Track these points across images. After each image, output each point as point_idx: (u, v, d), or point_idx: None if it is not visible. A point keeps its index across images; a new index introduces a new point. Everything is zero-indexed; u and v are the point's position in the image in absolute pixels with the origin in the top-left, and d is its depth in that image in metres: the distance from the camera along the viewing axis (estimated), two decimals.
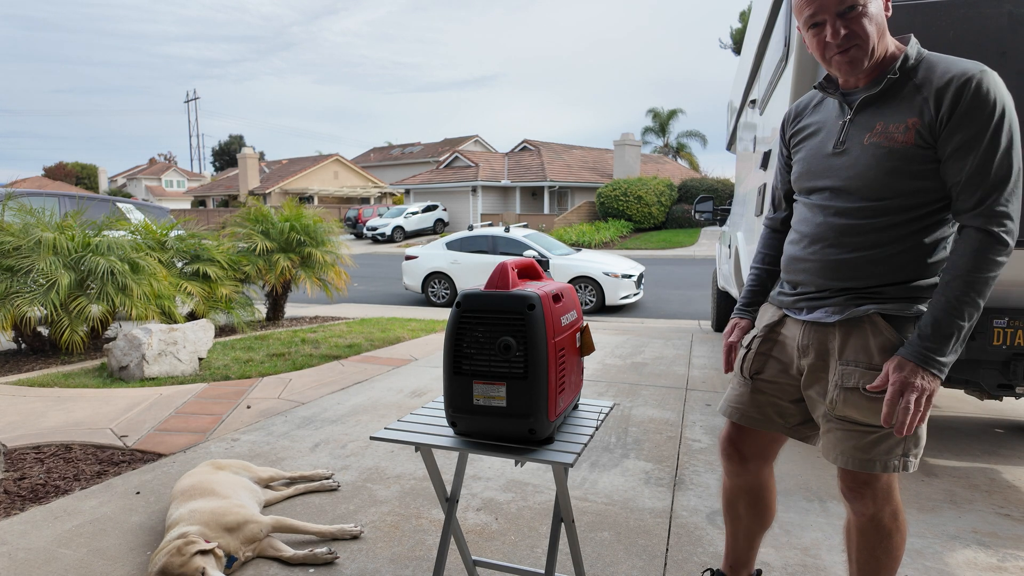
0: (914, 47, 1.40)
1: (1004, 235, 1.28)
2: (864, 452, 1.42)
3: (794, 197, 1.64)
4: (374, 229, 27.36)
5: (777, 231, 1.79)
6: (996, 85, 1.30)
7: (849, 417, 1.43)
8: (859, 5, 1.34)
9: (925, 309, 1.39)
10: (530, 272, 1.76)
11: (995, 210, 1.28)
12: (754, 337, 1.66)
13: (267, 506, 2.62)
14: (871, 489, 1.45)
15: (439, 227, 29.09)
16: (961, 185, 1.31)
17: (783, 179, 1.72)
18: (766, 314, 1.68)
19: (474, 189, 29.15)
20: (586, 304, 9.37)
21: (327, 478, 2.87)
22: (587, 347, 1.74)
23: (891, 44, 1.42)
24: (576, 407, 1.83)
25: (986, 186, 1.29)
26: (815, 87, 1.55)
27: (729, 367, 1.76)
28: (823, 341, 1.48)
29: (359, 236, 29.47)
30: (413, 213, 28.17)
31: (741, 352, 1.69)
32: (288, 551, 2.22)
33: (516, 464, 1.98)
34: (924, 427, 1.42)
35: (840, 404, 1.44)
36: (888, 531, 1.48)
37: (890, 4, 1.39)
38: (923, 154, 1.33)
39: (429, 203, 29.35)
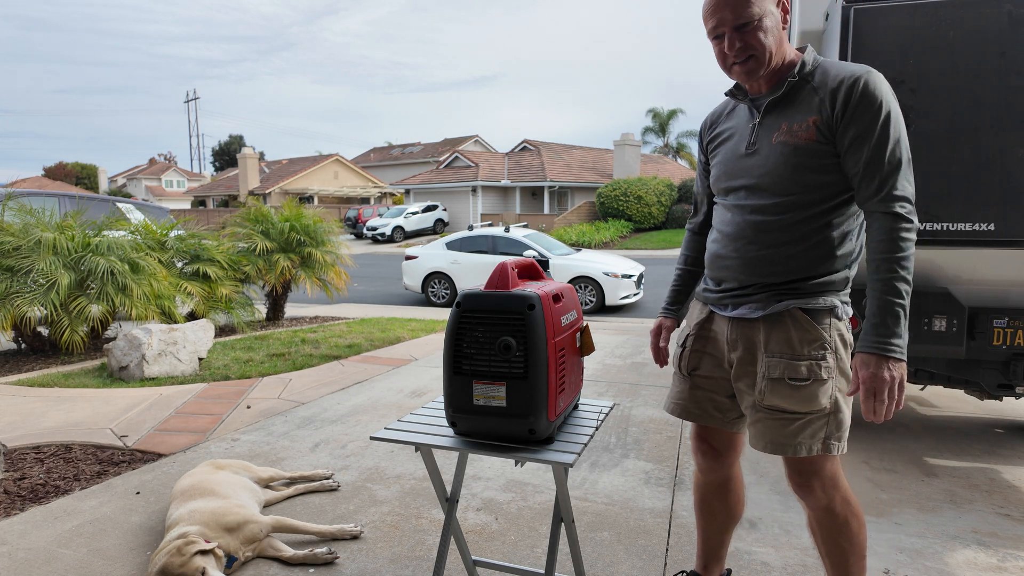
0: (810, 54, 1.53)
1: (907, 214, 1.40)
2: (789, 438, 1.51)
3: (714, 199, 1.73)
4: (374, 229, 27.35)
5: (697, 233, 1.88)
6: (880, 84, 1.42)
7: (775, 406, 1.52)
8: (754, 20, 1.45)
9: (837, 302, 1.53)
10: (530, 272, 1.76)
11: (894, 194, 1.40)
12: (688, 335, 1.75)
13: (267, 506, 2.62)
14: (818, 479, 1.53)
15: (439, 227, 29.08)
16: (860, 175, 1.43)
17: (703, 183, 1.83)
18: (695, 311, 1.77)
19: (474, 189, 29.15)
20: (586, 304, 9.37)
21: (327, 478, 2.87)
22: (587, 347, 1.74)
23: (790, 52, 1.54)
24: (576, 407, 1.83)
25: (883, 173, 1.41)
26: (726, 94, 1.67)
27: (661, 362, 1.87)
28: (749, 336, 1.58)
29: (359, 236, 29.47)
30: (413, 213, 28.17)
31: (677, 350, 1.78)
32: (288, 551, 2.22)
33: (516, 464, 1.98)
34: (847, 413, 1.52)
35: (767, 394, 1.53)
36: (843, 518, 1.56)
37: (788, 16, 1.52)
38: (824, 149, 1.46)
39: (429, 203, 29.34)
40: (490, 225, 11.61)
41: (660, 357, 1.86)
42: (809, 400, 1.49)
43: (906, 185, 1.41)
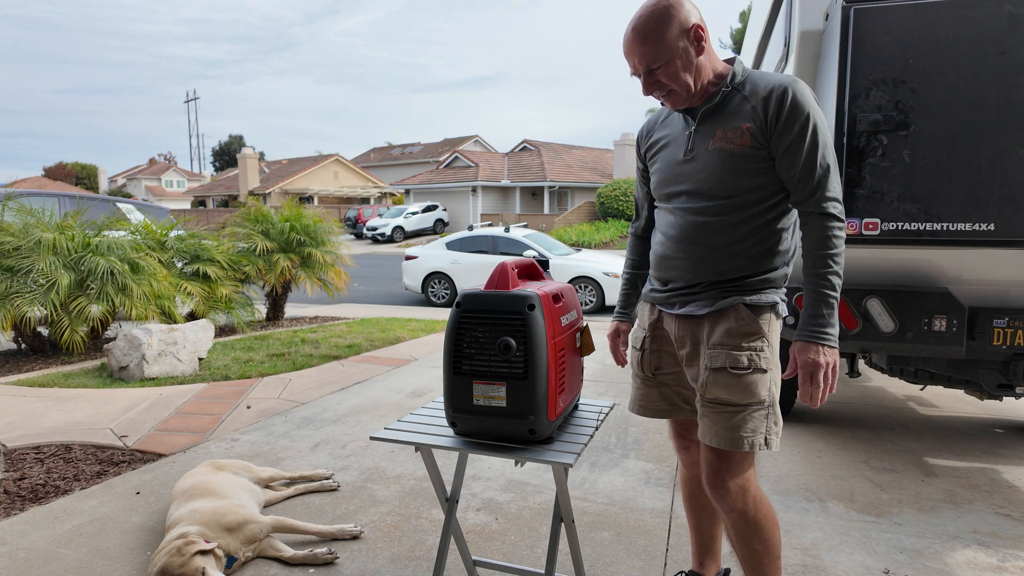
0: (740, 65, 1.61)
1: (838, 214, 1.52)
2: (734, 431, 1.55)
3: (656, 204, 1.78)
4: (374, 229, 27.35)
5: (640, 237, 1.94)
6: (806, 95, 1.51)
7: (718, 398, 1.57)
8: (662, 63, 1.52)
9: (777, 299, 1.61)
10: (530, 272, 1.76)
11: (826, 195, 1.51)
12: (644, 337, 1.79)
13: (267, 506, 2.62)
14: (733, 480, 1.58)
15: (439, 227, 29.08)
16: (796, 179, 1.52)
17: (643, 189, 1.89)
18: (644, 314, 1.82)
19: (474, 189, 29.15)
20: (586, 304, 9.37)
21: (327, 478, 2.87)
22: (587, 347, 1.74)
23: (719, 65, 1.60)
24: (576, 407, 1.83)
25: (815, 177, 1.51)
26: (663, 104, 1.70)
27: (620, 363, 1.94)
28: (695, 332, 1.64)
29: (359, 236, 29.47)
30: (413, 213, 28.17)
31: (635, 354, 1.82)
32: (288, 551, 2.22)
33: (516, 464, 1.98)
34: (779, 410, 1.60)
35: (710, 385, 1.58)
36: (755, 521, 1.60)
37: (704, 40, 1.55)
38: (758, 154, 1.53)
39: (429, 203, 29.34)
40: (490, 225, 11.61)
41: (620, 359, 1.93)
42: (749, 390, 1.54)
43: (836, 186, 1.52)
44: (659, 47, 1.50)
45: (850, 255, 2.74)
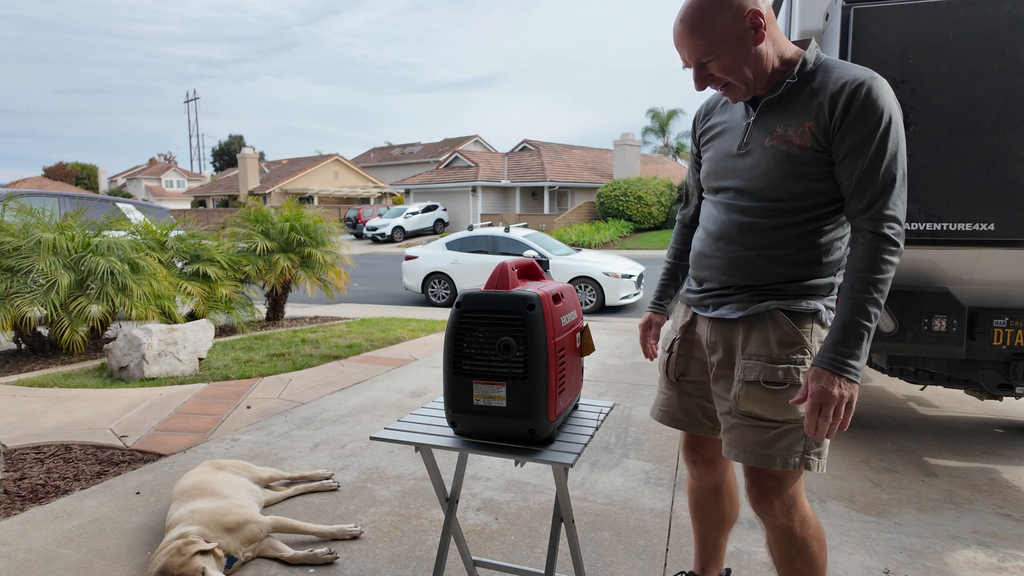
0: (812, 52, 1.43)
1: (894, 236, 1.33)
2: (765, 448, 1.43)
3: (703, 195, 1.66)
4: (374, 229, 27.34)
5: (687, 226, 1.83)
6: (885, 92, 1.32)
7: (751, 412, 1.45)
8: (714, 56, 1.37)
9: (821, 307, 1.45)
10: (530, 272, 1.76)
11: (884, 213, 1.33)
12: (673, 339, 1.70)
13: (267, 506, 2.62)
14: (778, 498, 1.46)
15: (439, 227, 29.07)
16: (852, 188, 1.35)
17: (694, 176, 1.75)
18: (679, 315, 1.71)
19: (474, 189, 29.14)
20: (586, 304, 9.37)
21: (327, 478, 2.87)
22: (587, 347, 1.74)
23: (788, 51, 1.44)
24: (576, 407, 1.83)
25: (875, 190, 1.33)
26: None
27: (650, 356, 1.84)
28: (728, 338, 1.52)
29: (359, 236, 29.46)
30: (413, 213, 28.16)
31: (663, 355, 1.73)
32: (288, 551, 2.22)
33: (516, 464, 1.98)
34: None
35: (742, 398, 1.46)
36: (802, 540, 1.49)
37: (763, 27, 1.37)
38: (818, 157, 1.37)
39: (429, 203, 29.33)
40: (490, 225, 11.61)
41: (649, 352, 1.84)
42: (786, 407, 1.42)
43: (898, 204, 1.34)
44: (710, 38, 1.35)
45: None
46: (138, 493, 2.77)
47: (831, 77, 1.37)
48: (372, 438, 1.59)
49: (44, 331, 5.74)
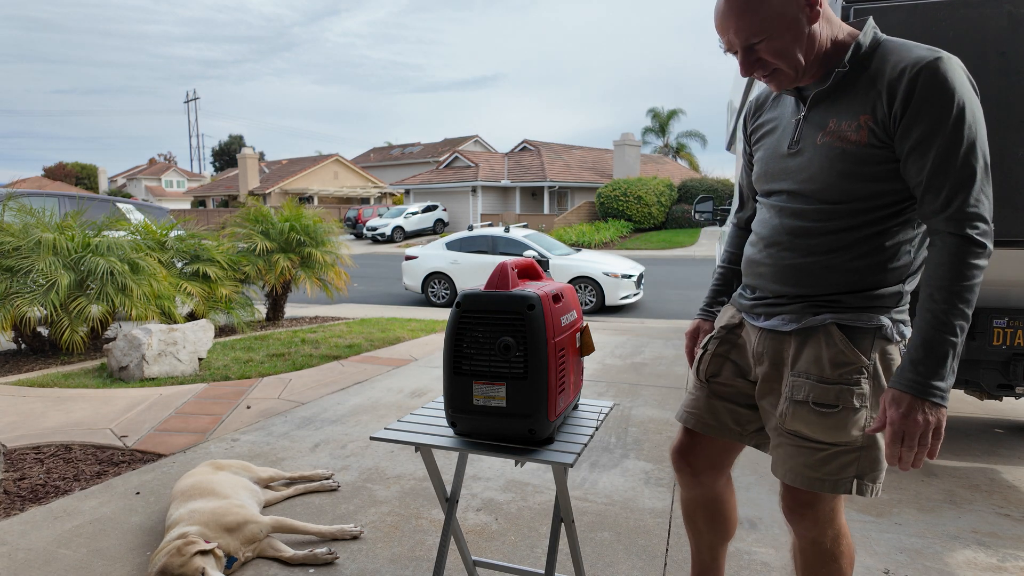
0: (868, 33, 1.28)
1: (979, 237, 1.16)
2: (813, 470, 1.32)
3: (756, 198, 1.56)
4: (374, 229, 27.35)
5: (743, 229, 1.72)
6: (954, 72, 1.16)
7: (799, 432, 1.34)
8: (764, 37, 1.24)
9: (886, 321, 1.30)
10: (530, 272, 1.76)
11: (966, 211, 1.16)
12: (710, 339, 1.59)
13: (267, 506, 2.62)
14: (812, 511, 1.36)
15: (439, 227, 29.08)
16: (924, 186, 1.20)
17: (747, 177, 1.64)
18: (725, 315, 1.60)
19: (474, 189, 29.14)
20: (586, 304, 9.37)
21: (327, 478, 2.87)
22: (587, 347, 1.74)
23: (840, 32, 1.31)
24: (576, 407, 1.83)
25: (951, 185, 1.16)
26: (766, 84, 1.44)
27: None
28: (778, 350, 1.41)
29: (359, 236, 29.47)
30: (413, 213, 28.17)
31: (698, 354, 1.62)
32: (288, 551, 2.22)
33: (516, 464, 1.98)
34: (883, 453, 1.31)
35: (789, 418, 1.35)
36: (831, 555, 1.39)
37: (819, 4, 1.25)
38: (879, 154, 1.23)
39: (429, 203, 29.34)
40: (490, 225, 11.61)
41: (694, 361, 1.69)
42: (836, 430, 1.29)
43: (982, 200, 1.16)
44: (760, 17, 1.22)
45: None
46: (138, 493, 2.77)
47: (889, 61, 1.22)
48: (372, 438, 1.59)
49: (44, 331, 5.74)
